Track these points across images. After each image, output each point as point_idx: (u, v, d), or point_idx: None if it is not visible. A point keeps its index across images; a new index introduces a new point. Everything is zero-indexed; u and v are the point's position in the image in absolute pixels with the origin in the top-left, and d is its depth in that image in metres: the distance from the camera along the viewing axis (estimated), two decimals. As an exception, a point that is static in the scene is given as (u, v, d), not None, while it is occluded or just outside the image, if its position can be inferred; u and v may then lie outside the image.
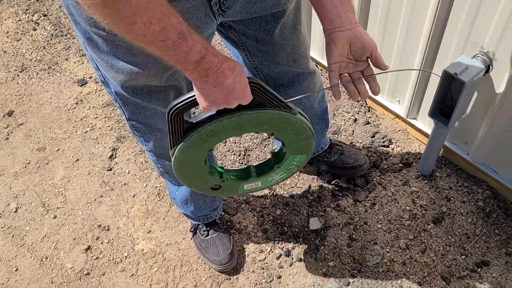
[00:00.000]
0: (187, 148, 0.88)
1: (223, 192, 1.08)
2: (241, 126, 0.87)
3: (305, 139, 0.96)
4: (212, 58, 0.72)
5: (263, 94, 0.83)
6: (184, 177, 1.00)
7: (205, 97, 0.78)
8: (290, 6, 1.09)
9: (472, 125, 1.54)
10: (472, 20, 1.31)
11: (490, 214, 1.57)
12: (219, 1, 0.95)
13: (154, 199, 1.79)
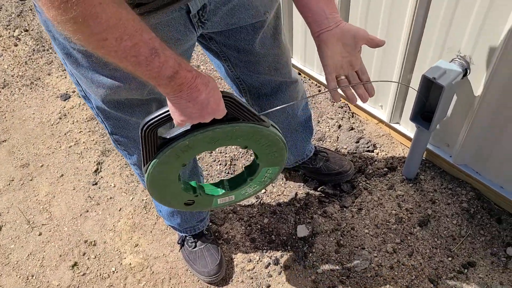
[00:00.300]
0: (161, 164, 0.88)
1: (197, 207, 1.08)
2: (215, 140, 0.88)
3: (278, 151, 0.97)
4: (186, 73, 0.72)
5: (237, 108, 0.84)
6: (157, 194, 0.99)
7: (179, 112, 0.78)
8: (269, 16, 1.11)
9: (453, 128, 1.57)
10: (448, 25, 1.34)
11: (475, 215, 1.59)
12: (198, 14, 0.96)
13: (140, 212, 1.78)
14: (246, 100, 1.39)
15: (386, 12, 1.51)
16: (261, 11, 1.07)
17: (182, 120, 0.80)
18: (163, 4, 0.86)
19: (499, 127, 1.41)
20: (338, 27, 0.93)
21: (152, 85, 0.73)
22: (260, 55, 1.18)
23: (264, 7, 1.07)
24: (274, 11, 1.12)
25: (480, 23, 1.25)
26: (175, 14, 0.91)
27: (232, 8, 1.02)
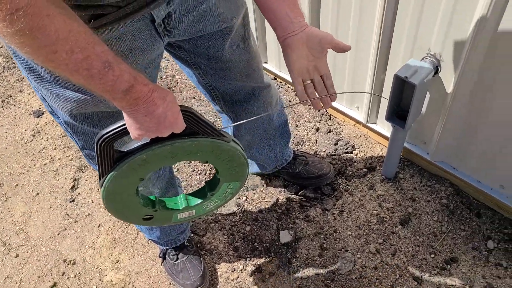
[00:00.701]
0: (117, 178, 0.86)
1: (156, 222, 1.05)
2: (174, 154, 0.86)
3: (239, 166, 0.96)
4: (141, 87, 0.70)
5: (196, 122, 0.82)
6: (114, 209, 0.97)
7: (136, 126, 0.76)
8: (237, 21, 1.10)
9: (429, 125, 1.58)
10: (416, 24, 1.35)
11: (455, 211, 1.60)
12: (163, 22, 0.95)
13: (120, 227, 1.74)
14: (220, 107, 1.37)
15: (356, 14, 1.52)
16: (228, 17, 1.06)
17: (139, 134, 0.78)
18: (125, 14, 0.84)
19: (472, 122, 1.42)
20: (303, 32, 0.92)
21: (107, 99, 0.71)
22: (231, 61, 1.17)
23: (230, 12, 1.06)
24: (241, 16, 1.11)
25: (447, 21, 1.26)
26: (139, 24, 0.90)
27: (198, 15, 1.01)
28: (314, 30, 0.93)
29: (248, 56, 1.20)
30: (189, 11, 0.99)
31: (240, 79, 1.24)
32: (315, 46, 0.93)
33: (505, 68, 1.22)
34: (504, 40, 1.17)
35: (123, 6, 0.83)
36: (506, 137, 1.36)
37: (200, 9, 1.00)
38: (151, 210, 1.01)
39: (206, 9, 1.01)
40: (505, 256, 1.47)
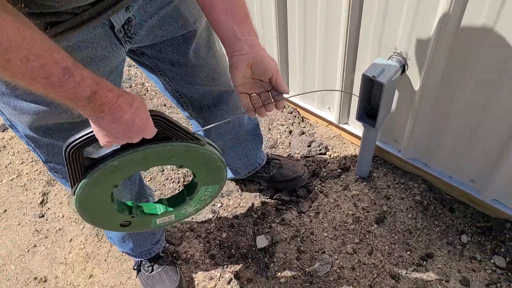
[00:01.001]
0: (89, 185, 0.83)
1: (134, 228, 1.03)
2: (147, 160, 0.83)
3: (216, 169, 0.94)
4: (106, 93, 0.68)
5: (168, 126, 0.80)
6: (89, 217, 0.94)
7: (104, 133, 0.73)
8: (200, 25, 1.08)
9: (399, 123, 1.59)
10: (381, 24, 1.36)
11: (428, 207, 1.62)
12: (123, 28, 0.92)
13: (93, 241, 1.69)
14: (189, 113, 1.35)
15: (323, 16, 1.52)
16: (191, 21, 1.04)
17: (107, 141, 0.75)
18: (82, 21, 0.81)
19: (441, 118, 1.44)
20: (251, 53, 0.87)
21: (71, 107, 0.68)
22: (196, 66, 1.15)
23: (193, 16, 1.04)
24: (205, 20, 1.10)
25: (411, 19, 1.27)
26: (98, 31, 0.87)
27: (160, 20, 0.98)
28: (263, 56, 0.88)
29: (214, 60, 1.19)
30: (150, 16, 0.96)
31: (207, 84, 1.22)
32: (259, 73, 0.89)
33: (470, 64, 1.23)
34: (467, 36, 1.19)
35: (79, 13, 0.80)
36: (473, 131, 1.38)
37: (161, 13, 0.98)
38: (128, 216, 0.98)
39: (168, 13, 0.99)
40: (478, 249, 1.49)
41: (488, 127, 1.33)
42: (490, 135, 1.35)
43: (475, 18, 1.14)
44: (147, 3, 0.94)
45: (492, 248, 1.49)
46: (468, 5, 1.13)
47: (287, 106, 2.03)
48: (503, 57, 1.15)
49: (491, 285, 1.41)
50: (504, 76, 1.18)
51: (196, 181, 0.97)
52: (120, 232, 1.03)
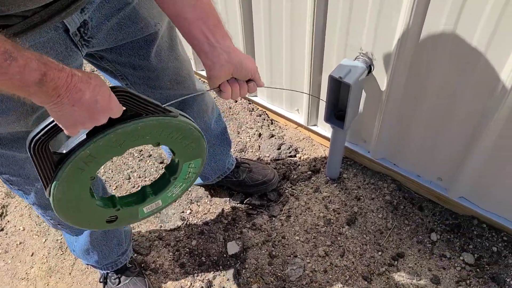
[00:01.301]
0: (64, 182, 0.76)
1: (122, 222, 0.96)
2: (120, 143, 0.77)
3: (194, 141, 0.89)
4: (57, 73, 0.62)
5: (135, 101, 0.74)
6: (71, 218, 0.87)
7: (67, 120, 0.67)
8: (161, 27, 1.04)
9: (367, 124, 1.59)
10: (346, 25, 1.36)
11: (398, 206, 1.62)
12: (79, 31, 0.88)
13: (56, 254, 1.62)
14: (154, 119, 1.31)
15: (288, 20, 1.51)
16: (152, 23, 1.00)
17: (73, 128, 0.69)
18: (33, 24, 0.76)
19: (407, 118, 1.45)
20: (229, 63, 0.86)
21: (23, 96, 0.62)
22: (159, 69, 1.11)
23: (154, 18, 1.01)
24: (166, 22, 1.06)
25: (375, 20, 1.27)
26: (51, 34, 0.82)
27: (118, 22, 0.94)
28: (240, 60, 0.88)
29: (177, 63, 1.15)
30: (108, 18, 0.92)
31: (171, 88, 1.19)
32: (239, 75, 0.90)
33: (434, 63, 1.24)
34: (430, 35, 1.19)
35: (29, 16, 0.75)
36: (438, 131, 1.39)
37: (120, 15, 0.94)
38: (113, 210, 0.92)
39: (127, 15, 0.95)
40: (448, 247, 1.51)
41: (453, 126, 1.35)
42: (455, 134, 1.36)
43: (436, 17, 1.14)
44: (104, 5, 0.90)
45: (461, 245, 1.50)
46: (430, 4, 1.14)
47: (256, 109, 2.01)
48: (465, 57, 1.16)
49: (461, 282, 1.42)
50: (467, 72, 1.20)
51: (177, 158, 0.91)
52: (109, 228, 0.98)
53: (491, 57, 1.11)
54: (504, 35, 1.06)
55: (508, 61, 1.09)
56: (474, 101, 1.23)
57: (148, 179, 1.79)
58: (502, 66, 1.11)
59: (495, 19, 1.04)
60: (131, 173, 1.83)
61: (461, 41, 1.13)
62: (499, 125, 1.23)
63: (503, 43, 1.07)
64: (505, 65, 1.10)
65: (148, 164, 1.85)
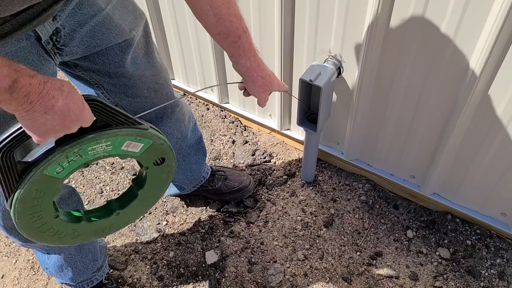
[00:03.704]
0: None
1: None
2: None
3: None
4: (28, 79, 0.60)
5: (106, 112, 0.73)
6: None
7: (38, 128, 0.65)
8: (136, 34, 1.03)
9: (340, 126, 1.61)
10: (314, 28, 1.37)
11: (374, 206, 1.64)
12: (51, 40, 0.85)
13: (28, 275, 1.56)
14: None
15: (256, 23, 1.51)
16: (126, 29, 0.99)
17: (43, 136, 0.67)
18: (3, 33, 0.74)
19: (378, 118, 1.47)
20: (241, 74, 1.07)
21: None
22: (135, 77, 1.09)
23: (129, 24, 0.99)
24: (141, 28, 1.05)
25: (342, 22, 1.29)
26: (23, 43, 0.80)
27: (92, 29, 0.92)
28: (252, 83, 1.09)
29: (153, 70, 1.13)
30: (81, 25, 0.90)
31: (149, 96, 1.17)
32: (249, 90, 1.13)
33: (401, 62, 1.27)
34: (395, 37, 1.22)
35: (0, 25, 0.73)
36: (409, 129, 1.42)
37: (93, 22, 0.92)
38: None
39: (100, 22, 0.93)
40: (424, 243, 1.53)
41: (422, 123, 1.37)
42: (425, 131, 1.39)
43: (403, 15, 1.17)
44: (76, 12, 0.88)
45: (436, 240, 1.53)
46: (395, 3, 1.16)
47: (228, 116, 2.00)
48: (431, 55, 1.19)
49: (438, 277, 1.44)
50: (435, 67, 1.22)
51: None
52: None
53: (459, 44, 1.13)
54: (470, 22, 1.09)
55: (475, 49, 1.11)
56: (443, 95, 1.26)
57: (121, 192, 1.75)
58: (470, 55, 1.13)
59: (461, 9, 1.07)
60: (103, 187, 1.78)
61: (429, 34, 1.16)
62: (467, 122, 1.26)
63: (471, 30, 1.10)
64: (473, 54, 1.13)
65: (121, 177, 1.81)
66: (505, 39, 1.05)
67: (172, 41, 1.89)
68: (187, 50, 1.86)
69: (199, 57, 1.84)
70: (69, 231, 0.89)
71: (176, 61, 1.97)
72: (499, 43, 1.06)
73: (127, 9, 1.00)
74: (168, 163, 0.91)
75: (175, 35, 1.85)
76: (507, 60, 1.08)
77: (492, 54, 1.08)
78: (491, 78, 1.14)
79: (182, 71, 1.99)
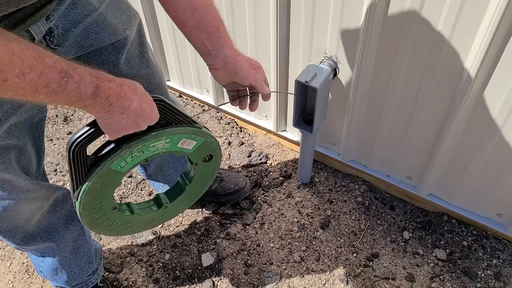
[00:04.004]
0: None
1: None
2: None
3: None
4: (107, 84, 0.65)
5: (169, 111, 0.80)
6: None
7: (114, 126, 0.71)
8: (130, 34, 1.02)
9: (336, 127, 1.60)
10: (310, 29, 1.37)
11: (370, 207, 1.64)
12: (45, 39, 0.85)
13: (22, 278, 1.55)
14: (124, 133, 1.27)
15: (251, 24, 1.51)
16: (120, 29, 0.98)
17: (117, 134, 0.73)
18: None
19: (374, 119, 1.47)
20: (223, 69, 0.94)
21: (78, 108, 0.66)
22: (129, 77, 1.07)
23: (122, 24, 0.99)
24: (135, 28, 1.04)
25: (338, 23, 1.29)
26: None
27: (85, 29, 0.92)
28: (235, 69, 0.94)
29: (148, 70, 1.13)
30: (74, 25, 0.90)
31: None
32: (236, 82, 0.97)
33: (397, 63, 1.26)
34: (391, 37, 1.22)
35: None
36: (405, 130, 1.41)
37: (86, 22, 0.91)
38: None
39: (94, 21, 0.93)
40: (420, 244, 1.53)
41: (418, 124, 1.37)
42: (421, 132, 1.39)
43: (398, 15, 1.16)
44: (70, 11, 0.88)
45: (433, 241, 1.52)
46: (390, 5, 1.16)
47: (224, 118, 1.99)
48: (427, 56, 1.19)
49: (435, 278, 1.44)
50: (430, 69, 1.22)
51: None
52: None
53: (454, 47, 1.13)
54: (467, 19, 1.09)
55: (471, 50, 1.11)
56: (439, 96, 1.26)
57: (116, 194, 1.74)
58: (465, 56, 1.13)
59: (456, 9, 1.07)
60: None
61: (424, 35, 1.15)
62: (463, 123, 1.26)
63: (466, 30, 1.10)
64: (468, 54, 1.13)
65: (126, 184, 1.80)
66: (501, 39, 1.05)
67: (167, 42, 1.88)
68: (182, 51, 1.86)
69: (194, 58, 1.83)
70: (123, 222, 0.97)
71: (172, 63, 1.96)
72: (495, 44, 1.05)
73: (121, 9, 0.99)
74: (215, 160, 1.00)
75: (170, 36, 1.84)
76: (503, 61, 1.08)
77: (488, 54, 1.08)
78: (487, 79, 1.14)
79: (177, 72, 1.99)
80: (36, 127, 1.00)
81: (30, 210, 1.06)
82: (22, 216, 1.05)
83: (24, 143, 0.96)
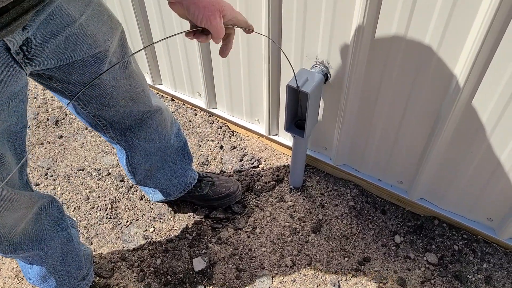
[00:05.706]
0: None
1: None
2: None
3: None
4: None
5: None
6: None
7: None
8: (111, 44, 1.01)
9: (327, 131, 1.61)
10: (301, 34, 1.37)
11: (362, 211, 1.64)
12: (22, 50, 0.83)
13: (12, 284, 1.53)
14: (111, 137, 1.27)
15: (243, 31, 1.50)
16: (101, 40, 0.97)
17: None
18: None
19: (366, 124, 1.47)
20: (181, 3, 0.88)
21: None
22: (111, 87, 1.07)
23: (104, 35, 0.97)
24: (117, 38, 1.03)
25: (329, 29, 1.29)
26: None
27: (65, 40, 0.91)
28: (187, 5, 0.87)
29: (130, 79, 1.12)
30: (53, 35, 0.88)
31: (126, 105, 1.15)
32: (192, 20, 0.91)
33: (388, 68, 1.27)
34: (384, 39, 1.22)
35: None
36: (396, 134, 1.42)
37: (66, 33, 0.90)
38: None
39: (73, 32, 0.92)
40: (411, 248, 1.53)
41: (408, 130, 1.38)
42: (412, 138, 1.39)
43: (388, 23, 1.17)
44: (48, 22, 0.86)
45: (424, 245, 1.53)
46: (381, 10, 1.16)
47: (216, 121, 1.99)
48: (417, 63, 1.19)
49: (426, 282, 1.45)
50: (420, 75, 1.23)
51: None
52: None
53: (443, 55, 1.14)
54: (454, 33, 1.10)
55: (459, 60, 1.12)
56: (429, 102, 1.27)
57: (107, 198, 1.73)
58: (454, 65, 1.14)
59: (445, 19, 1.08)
60: (89, 193, 1.76)
61: (414, 42, 1.16)
62: (452, 129, 1.27)
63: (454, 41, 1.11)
64: (457, 64, 1.14)
65: (107, 183, 1.79)
66: (488, 49, 1.06)
67: (159, 46, 1.88)
68: (174, 55, 1.85)
69: (186, 62, 1.83)
70: None
71: (164, 67, 1.96)
72: (482, 54, 1.07)
73: (102, 20, 0.98)
74: None
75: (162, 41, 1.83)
76: (490, 71, 1.09)
77: (476, 64, 1.09)
78: (475, 88, 1.15)
79: (169, 76, 1.98)
80: (16, 136, 0.96)
81: (13, 219, 1.05)
82: (6, 224, 1.03)
83: (3, 153, 0.94)
